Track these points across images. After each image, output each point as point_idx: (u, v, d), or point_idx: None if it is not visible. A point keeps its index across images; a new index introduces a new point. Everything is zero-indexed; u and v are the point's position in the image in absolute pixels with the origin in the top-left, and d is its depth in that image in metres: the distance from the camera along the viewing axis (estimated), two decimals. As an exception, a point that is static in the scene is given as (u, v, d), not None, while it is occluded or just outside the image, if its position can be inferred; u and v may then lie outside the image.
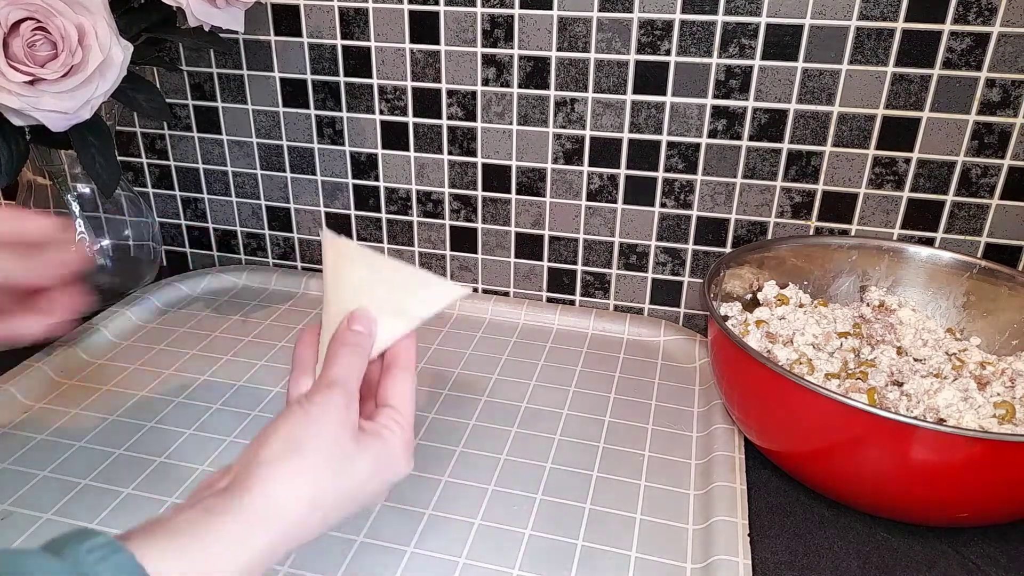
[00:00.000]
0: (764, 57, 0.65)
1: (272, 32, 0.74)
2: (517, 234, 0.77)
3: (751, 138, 0.68)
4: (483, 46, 0.70)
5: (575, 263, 0.77)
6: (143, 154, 0.83)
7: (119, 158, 0.83)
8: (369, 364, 0.40)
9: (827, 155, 0.67)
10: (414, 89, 0.73)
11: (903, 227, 0.69)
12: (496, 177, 0.75)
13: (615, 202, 0.73)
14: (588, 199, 0.74)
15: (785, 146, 0.68)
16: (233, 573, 0.31)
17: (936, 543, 0.50)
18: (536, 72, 0.70)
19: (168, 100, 0.79)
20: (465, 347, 0.71)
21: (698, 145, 0.69)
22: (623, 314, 0.76)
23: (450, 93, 0.72)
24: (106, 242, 0.75)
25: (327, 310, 0.42)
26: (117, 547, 0.28)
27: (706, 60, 0.66)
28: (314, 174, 0.80)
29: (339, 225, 0.81)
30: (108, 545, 0.28)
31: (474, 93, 0.72)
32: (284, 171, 0.80)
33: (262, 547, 0.32)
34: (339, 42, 0.73)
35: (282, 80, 0.76)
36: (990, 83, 0.62)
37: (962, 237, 0.68)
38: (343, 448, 0.36)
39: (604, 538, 0.50)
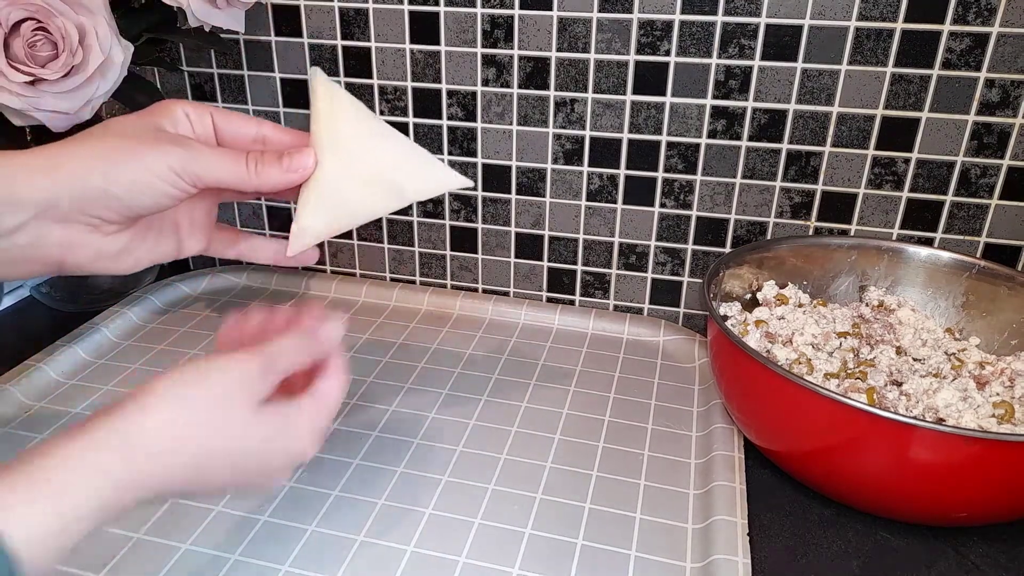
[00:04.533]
0: (764, 57, 0.65)
1: (272, 32, 0.74)
2: (517, 234, 0.77)
3: (751, 138, 0.68)
4: (483, 46, 0.70)
5: (575, 263, 0.77)
6: (143, 154, 0.83)
7: (119, 158, 0.82)
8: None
9: (826, 155, 0.67)
10: (414, 89, 0.73)
11: (902, 227, 0.69)
12: (496, 177, 0.75)
13: (615, 202, 0.73)
14: (588, 199, 0.74)
15: (785, 146, 0.68)
16: (92, 510, 0.31)
17: (936, 543, 0.50)
18: (536, 72, 0.70)
19: (168, 100, 0.79)
20: (465, 347, 0.71)
21: (698, 145, 0.69)
22: (623, 314, 0.77)
23: (450, 93, 0.73)
24: (106, 242, 0.75)
25: (324, 159, 0.40)
26: None
27: (706, 60, 0.66)
28: (314, 174, 0.80)
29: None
30: None
31: (474, 93, 0.72)
32: (284, 171, 0.80)
33: (121, 479, 0.32)
34: (339, 42, 0.73)
35: (282, 80, 0.76)
36: (989, 83, 0.62)
37: (961, 237, 0.68)
38: (235, 410, 0.36)
39: (604, 538, 0.50)
